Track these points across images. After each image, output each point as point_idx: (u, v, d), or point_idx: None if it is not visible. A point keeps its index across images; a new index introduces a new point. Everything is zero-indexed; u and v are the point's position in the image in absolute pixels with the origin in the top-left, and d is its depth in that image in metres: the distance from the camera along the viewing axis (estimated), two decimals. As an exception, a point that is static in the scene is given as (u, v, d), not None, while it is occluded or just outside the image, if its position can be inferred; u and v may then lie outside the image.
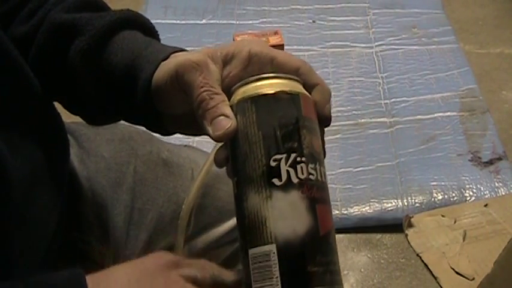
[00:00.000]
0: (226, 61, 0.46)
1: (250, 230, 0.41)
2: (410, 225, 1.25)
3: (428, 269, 1.19)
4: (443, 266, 1.18)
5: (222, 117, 0.43)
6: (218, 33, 1.76)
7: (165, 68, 0.46)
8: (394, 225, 1.27)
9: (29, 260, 0.52)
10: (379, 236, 1.27)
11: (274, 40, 1.50)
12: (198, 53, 0.45)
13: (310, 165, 0.41)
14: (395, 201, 1.30)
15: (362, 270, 1.21)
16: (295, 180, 0.41)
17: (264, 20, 1.83)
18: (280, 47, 1.50)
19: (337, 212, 1.28)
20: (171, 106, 0.48)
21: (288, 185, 0.40)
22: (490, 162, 1.39)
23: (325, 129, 0.47)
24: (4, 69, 0.49)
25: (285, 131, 0.41)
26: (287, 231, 0.40)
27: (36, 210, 0.52)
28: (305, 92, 0.44)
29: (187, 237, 0.68)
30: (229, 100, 0.44)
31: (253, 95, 0.42)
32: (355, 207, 1.30)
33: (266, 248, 0.40)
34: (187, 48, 0.50)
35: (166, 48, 0.50)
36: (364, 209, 1.29)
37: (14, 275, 0.48)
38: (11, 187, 0.46)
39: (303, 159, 0.41)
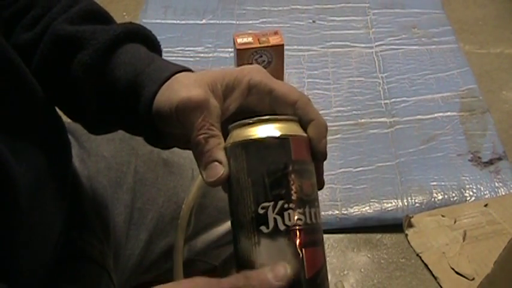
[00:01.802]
0: (226, 94, 0.46)
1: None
2: (410, 225, 1.25)
3: (428, 269, 1.19)
4: (443, 266, 1.18)
5: (215, 163, 0.43)
6: (218, 33, 1.75)
7: (167, 97, 0.46)
8: (394, 225, 1.27)
9: (36, 263, 0.52)
10: (379, 236, 1.27)
11: (274, 40, 1.49)
12: (199, 88, 0.45)
13: (298, 210, 0.42)
14: (395, 201, 1.30)
15: (362, 270, 1.21)
16: (282, 227, 0.41)
17: (264, 20, 1.82)
18: (280, 47, 1.50)
19: (337, 212, 1.28)
20: (171, 127, 0.48)
21: (275, 233, 0.41)
22: (490, 162, 1.39)
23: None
24: (5, 74, 0.49)
25: (273, 178, 0.42)
26: None
27: (42, 215, 0.52)
28: (298, 132, 0.44)
29: (187, 237, 0.68)
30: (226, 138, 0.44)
31: (243, 140, 0.43)
32: (355, 207, 1.30)
33: None
34: (187, 48, 0.50)
35: (169, 66, 0.50)
36: (364, 209, 1.29)
37: (21, 280, 0.48)
38: (17, 194, 0.46)
39: (291, 205, 0.42)
